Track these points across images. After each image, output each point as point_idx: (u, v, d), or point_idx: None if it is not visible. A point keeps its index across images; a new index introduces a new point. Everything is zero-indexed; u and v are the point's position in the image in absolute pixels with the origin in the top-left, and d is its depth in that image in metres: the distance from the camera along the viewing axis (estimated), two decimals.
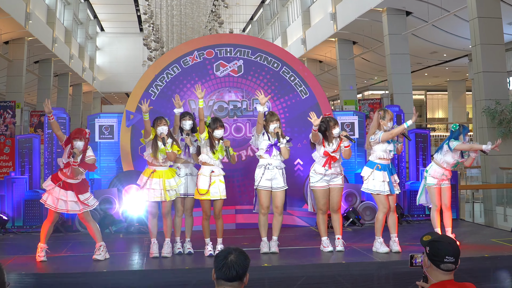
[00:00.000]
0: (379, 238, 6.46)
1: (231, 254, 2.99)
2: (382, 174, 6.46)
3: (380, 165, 6.48)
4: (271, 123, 6.48)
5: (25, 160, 8.30)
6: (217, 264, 2.97)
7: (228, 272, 2.94)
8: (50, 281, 5.40)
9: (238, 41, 8.61)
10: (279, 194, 6.49)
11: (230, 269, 2.94)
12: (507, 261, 5.92)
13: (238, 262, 2.96)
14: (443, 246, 3.13)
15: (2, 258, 6.23)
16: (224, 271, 2.94)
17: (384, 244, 6.41)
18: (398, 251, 6.36)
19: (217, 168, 6.44)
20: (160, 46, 23.02)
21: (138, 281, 5.43)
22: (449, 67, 25.51)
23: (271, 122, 6.48)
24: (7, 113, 15.02)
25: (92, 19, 35.71)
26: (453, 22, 17.06)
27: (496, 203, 12.40)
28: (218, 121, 6.50)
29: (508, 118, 12.29)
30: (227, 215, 7.66)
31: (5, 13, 16.62)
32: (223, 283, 2.97)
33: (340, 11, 20.52)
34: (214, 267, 2.99)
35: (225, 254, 2.99)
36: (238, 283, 2.97)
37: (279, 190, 6.48)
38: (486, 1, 12.58)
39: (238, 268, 2.95)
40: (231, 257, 2.97)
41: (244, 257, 3.01)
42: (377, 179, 6.46)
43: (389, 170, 6.51)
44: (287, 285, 5.44)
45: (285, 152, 6.49)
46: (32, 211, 8.08)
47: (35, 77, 23.89)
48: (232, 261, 2.95)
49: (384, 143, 6.50)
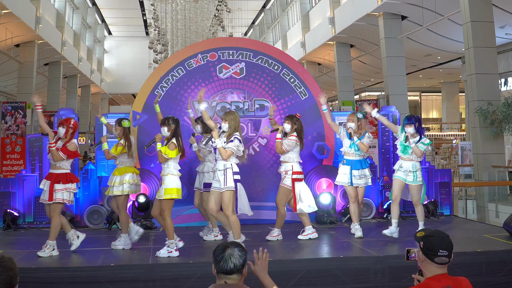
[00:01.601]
0: (355, 224, 7.11)
1: (228, 247, 3.00)
2: (345, 168, 7.11)
3: (345, 160, 7.14)
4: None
5: (35, 158, 8.31)
6: (215, 258, 2.99)
7: (225, 265, 2.95)
8: (59, 275, 5.40)
9: (240, 44, 8.60)
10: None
11: (228, 262, 2.95)
12: (498, 256, 5.91)
13: (235, 255, 2.97)
14: (436, 240, 3.13)
15: (13, 252, 6.23)
16: (222, 264, 2.96)
17: (360, 229, 7.03)
18: (360, 236, 6.92)
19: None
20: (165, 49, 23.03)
21: (144, 274, 5.42)
22: (443, 69, 25.50)
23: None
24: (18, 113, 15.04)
25: (100, 23, 35.72)
26: (446, 26, 17.05)
27: (488, 200, 12.39)
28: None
29: (499, 118, 12.28)
30: None
31: (16, 17, 16.64)
32: (223, 276, 2.98)
33: (338, 16, 20.51)
34: (213, 261, 3.00)
35: (223, 248, 3.00)
36: (237, 275, 2.98)
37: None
38: (479, 5, 12.57)
39: (235, 261, 2.96)
40: (228, 250, 2.98)
41: (240, 250, 3.01)
42: (341, 173, 7.17)
43: (354, 165, 7.05)
44: (287, 278, 5.44)
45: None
46: (42, 208, 8.06)
47: (45, 78, 23.91)
48: (229, 254, 2.97)
49: (344, 141, 7.16)
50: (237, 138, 6.20)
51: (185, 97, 8.29)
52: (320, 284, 5.51)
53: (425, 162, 9.04)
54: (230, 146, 6.14)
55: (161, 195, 6.03)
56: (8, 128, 14.95)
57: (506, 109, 12.16)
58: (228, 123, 6.25)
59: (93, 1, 31.35)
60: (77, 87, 29.18)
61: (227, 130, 6.26)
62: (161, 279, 5.41)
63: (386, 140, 8.91)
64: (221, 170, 6.18)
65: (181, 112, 8.19)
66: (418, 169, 6.87)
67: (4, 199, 8.03)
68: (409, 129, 6.81)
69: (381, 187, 8.66)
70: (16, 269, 2.68)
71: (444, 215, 8.74)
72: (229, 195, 6.12)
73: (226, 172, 6.15)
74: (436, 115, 35.91)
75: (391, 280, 5.58)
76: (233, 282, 2.98)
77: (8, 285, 2.63)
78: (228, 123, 6.25)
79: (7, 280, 2.62)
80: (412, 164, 6.84)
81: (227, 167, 6.17)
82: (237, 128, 6.28)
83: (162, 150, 6.03)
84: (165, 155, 6.03)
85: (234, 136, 6.20)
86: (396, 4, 16.23)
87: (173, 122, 6.19)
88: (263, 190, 8.34)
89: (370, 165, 8.70)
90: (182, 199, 7.17)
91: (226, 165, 6.18)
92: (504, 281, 5.76)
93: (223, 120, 6.31)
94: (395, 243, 6.63)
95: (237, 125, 6.30)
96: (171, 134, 6.17)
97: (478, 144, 12.69)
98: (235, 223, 6.17)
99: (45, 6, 20.84)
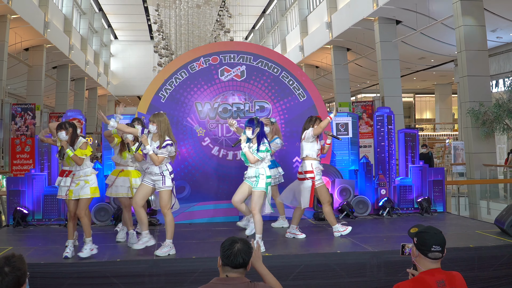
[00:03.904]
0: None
1: (237, 243, 3.02)
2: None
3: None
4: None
5: (44, 158, 8.30)
6: (224, 253, 2.99)
7: (235, 259, 2.97)
8: (67, 270, 5.40)
9: (241, 48, 8.59)
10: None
11: (237, 257, 2.97)
12: (490, 251, 5.91)
13: (244, 250, 2.99)
14: (429, 236, 3.13)
15: (23, 249, 6.23)
16: (232, 259, 2.97)
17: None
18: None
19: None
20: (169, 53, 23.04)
21: (148, 269, 5.42)
22: (436, 71, 25.50)
23: None
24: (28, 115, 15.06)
25: (106, 28, 35.76)
26: (440, 30, 17.06)
27: (480, 198, 12.40)
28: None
29: (491, 119, 12.28)
30: (231, 209, 7.66)
31: (25, 22, 16.66)
32: (229, 269, 3.00)
33: (335, 21, 20.52)
34: (220, 255, 3.01)
35: (231, 243, 3.02)
36: (242, 270, 3.02)
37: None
38: (471, 10, 12.57)
39: (244, 255, 2.98)
40: (237, 246, 3.00)
41: (248, 246, 3.04)
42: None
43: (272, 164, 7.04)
44: (286, 273, 5.44)
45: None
46: (50, 205, 8.08)
47: (53, 81, 23.94)
48: (238, 249, 2.98)
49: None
50: (168, 144, 5.79)
51: (188, 99, 8.29)
52: (318, 278, 5.51)
53: (419, 160, 9.04)
54: (163, 151, 5.79)
55: (88, 194, 5.76)
56: (18, 129, 14.96)
57: (497, 110, 12.17)
58: (157, 125, 5.81)
59: (100, 6, 31.37)
60: (84, 90, 29.22)
61: (155, 132, 5.84)
62: (165, 274, 5.41)
63: (381, 140, 8.91)
64: (158, 174, 5.84)
65: (184, 114, 8.19)
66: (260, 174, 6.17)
67: (14, 197, 8.02)
68: (248, 132, 6.15)
69: (376, 185, 8.66)
70: (24, 268, 2.65)
71: (438, 212, 8.73)
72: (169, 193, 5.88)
73: (163, 174, 5.85)
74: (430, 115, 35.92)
75: (386, 274, 5.58)
76: (237, 276, 3.00)
77: (15, 285, 2.60)
78: (157, 125, 5.81)
79: (14, 280, 2.59)
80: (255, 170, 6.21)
81: (163, 169, 5.86)
82: (167, 131, 5.86)
83: (77, 153, 5.69)
84: (84, 156, 5.73)
85: (166, 143, 5.79)
86: (391, 9, 16.25)
87: (70, 126, 5.84)
88: None
89: (366, 164, 8.74)
90: (186, 197, 7.17)
91: (162, 168, 5.85)
92: (495, 275, 5.76)
93: (151, 122, 5.85)
94: (390, 239, 6.63)
95: (166, 127, 5.86)
96: (69, 137, 5.77)
97: (470, 143, 12.69)
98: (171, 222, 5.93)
99: (53, 11, 20.86)
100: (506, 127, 12.56)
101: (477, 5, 12.62)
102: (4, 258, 2.63)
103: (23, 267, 2.65)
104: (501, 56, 19.06)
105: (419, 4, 15.35)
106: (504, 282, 5.77)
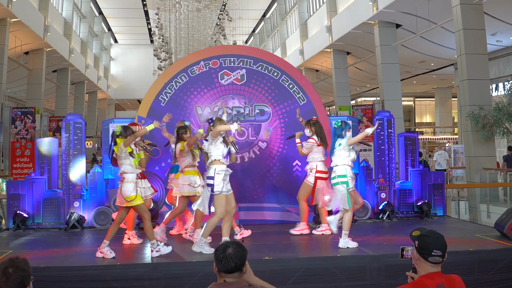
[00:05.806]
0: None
1: (229, 247, 2.96)
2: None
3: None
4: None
5: (44, 162, 8.30)
6: (217, 257, 2.95)
7: (227, 264, 2.91)
8: (67, 273, 5.39)
9: (241, 52, 8.61)
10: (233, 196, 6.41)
11: (229, 261, 2.91)
12: (490, 255, 5.91)
13: (236, 254, 2.93)
14: (431, 240, 3.12)
15: (23, 252, 6.23)
16: (224, 263, 2.91)
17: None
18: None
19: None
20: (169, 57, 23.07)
21: (148, 273, 5.42)
22: (436, 75, 25.52)
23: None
24: (28, 118, 15.06)
25: (106, 31, 35.80)
26: (440, 33, 17.09)
27: (480, 201, 12.39)
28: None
29: (490, 122, 12.28)
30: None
31: (25, 26, 16.69)
32: (224, 275, 2.94)
33: (335, 24, 20.56)
34: (214, 260, 2.98)
35: (224, 248, 2.96)
36: (238, 274, 2.95)
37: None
38: (471, 13, 12.59)
39: (236, 260, 2.92)
40: (229, 250, 2.94)
41: (241, 249, 2.98)
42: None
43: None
44: (286, 276, 5.44)
45: (234, 158, 6.50)
46: (50, 209, 8.08)
47: (53, 85, 23.95)
48: (230, 253, 2.92)
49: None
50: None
51: (188, 103, 8.30)
52: (318, 282, 5.51)
53: (419, 164, 9.04)
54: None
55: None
56: (18, 132, 14.96)
57: (497, 114, 12.17)
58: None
59: (100, 10, 31.42)
60: (84, 93, 29.23)
61: (233, 138, 6.40)
62: (165, 277, 5.41)
63: (381, 144, 8.92)
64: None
65: (184, 117, 8.19)
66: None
67: (14, 200, 8.03)
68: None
69: (376, 188, 8.66)
70: (28, 270, 2.71)
71: (438, 215, 8.74)
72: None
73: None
74: (430, 119, 35.93)
75: (386, 277, 5.57)
76: (233, 280, 2.96)
77: (20, 285, 2.66)
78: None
79: (19, 280, 2.65)
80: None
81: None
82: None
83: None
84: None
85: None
86: (391, 13, 16.28)
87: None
88: (263, 192, 8.35)
89: (366, 167, 8.75)
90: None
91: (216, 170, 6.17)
92: (495, 279, 5.76)
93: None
94: (391, 242, 6.63)
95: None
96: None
97: (470, 147, 12.69)
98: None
99: (53, 15, 20.90)
100: (506, 130, 12.57)
101: (477, 8, 12.64)
102: (9, 259, 2.70)
103: (27, 269, 2.69)
104: (501, 59, 19.09)
105: (419, 7, 15.39)
106: (504, 286, 5.77)
